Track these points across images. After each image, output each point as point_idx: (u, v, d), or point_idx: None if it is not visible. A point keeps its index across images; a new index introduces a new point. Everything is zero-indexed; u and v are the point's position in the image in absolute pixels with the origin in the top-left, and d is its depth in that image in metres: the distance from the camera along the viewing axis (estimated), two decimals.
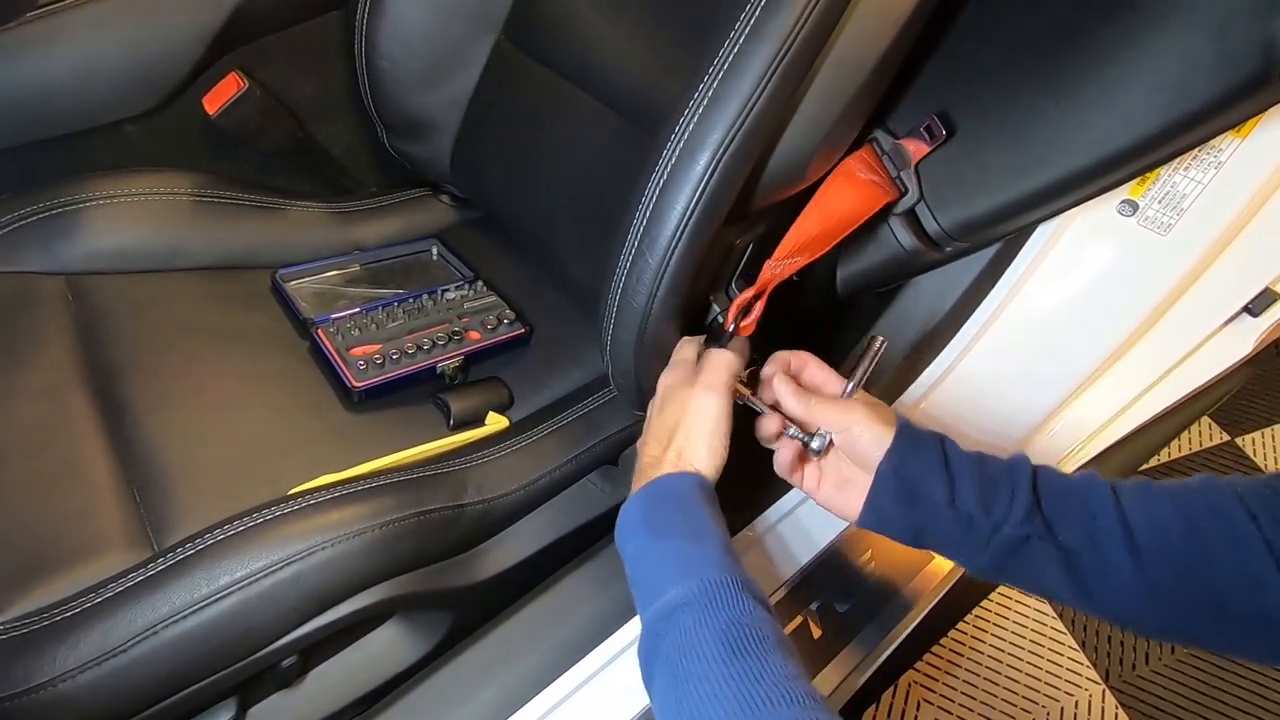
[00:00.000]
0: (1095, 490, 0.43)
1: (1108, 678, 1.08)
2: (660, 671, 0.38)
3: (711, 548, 0.41)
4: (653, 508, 0.44)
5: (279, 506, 0.51)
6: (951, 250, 0.62)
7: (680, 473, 0.45)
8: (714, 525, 0.43)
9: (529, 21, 0.71)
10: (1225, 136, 0.58)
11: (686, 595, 0.38)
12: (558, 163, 0.69)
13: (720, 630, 0.36)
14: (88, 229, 0.69)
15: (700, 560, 0.40)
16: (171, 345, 0.64)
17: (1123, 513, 0.41)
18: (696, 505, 0.44)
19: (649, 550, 0.43)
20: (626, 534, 0.45)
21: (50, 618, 0.46)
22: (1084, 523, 0.42)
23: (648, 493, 0.45)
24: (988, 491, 0.43)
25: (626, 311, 0.52)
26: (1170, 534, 0.40)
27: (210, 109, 0.73)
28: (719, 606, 0.38)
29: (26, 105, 0.68)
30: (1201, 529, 0.39)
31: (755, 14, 0.43)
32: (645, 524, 0.44)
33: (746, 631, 0.36)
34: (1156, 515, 0.41)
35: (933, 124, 0.56)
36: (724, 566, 0.40)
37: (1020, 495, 0.42)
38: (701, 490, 0.45)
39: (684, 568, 0.40)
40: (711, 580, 0.39)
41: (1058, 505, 0.42)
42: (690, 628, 0.37)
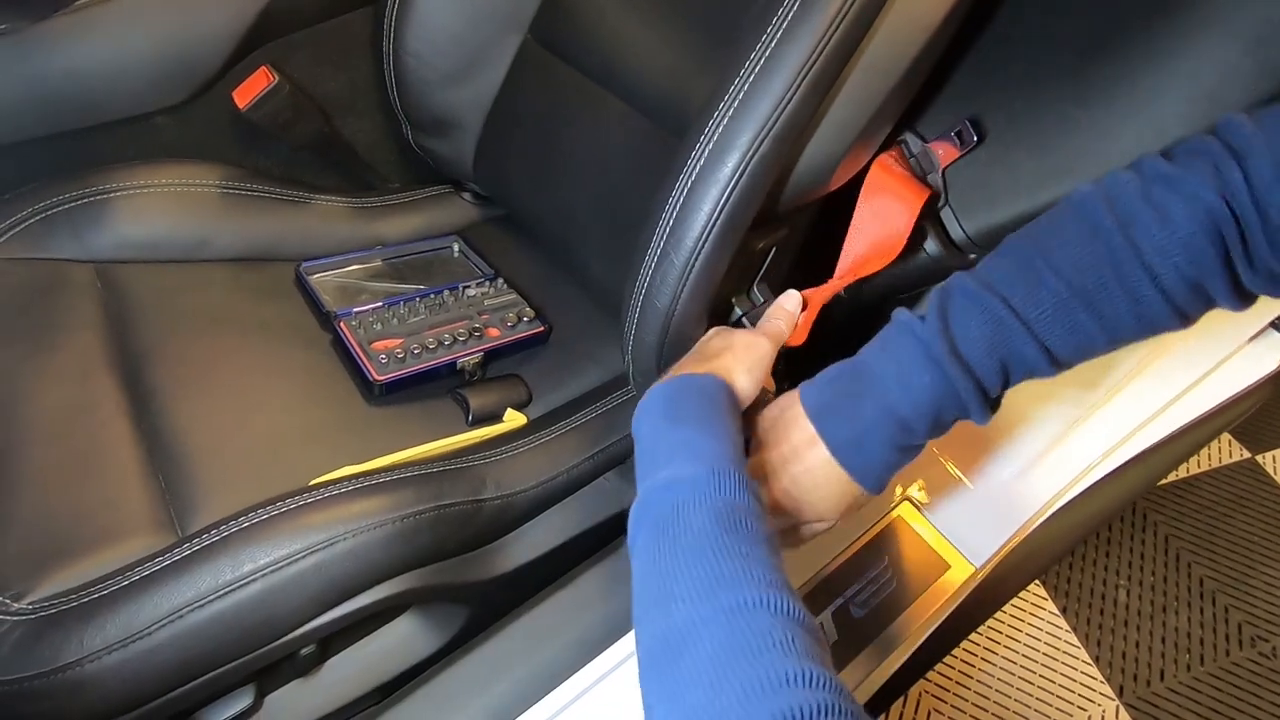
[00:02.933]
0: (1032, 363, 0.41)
1: (1121, 693, 1.07)
2: (644, 533, 0.37)
3: (725, 443, 0.40)
4: (677, 396, 0.43)
5: (301, 496, 0.52)
6: (976, 257, 0.62)
7: (714, 375, 0.44)
8: (731, 427, 0.42)
9: (556, 21, 0.72)
10: None
11: (691, 474, 0.38)
12: (581, 163, 0.69)
13: (715, 507, 0.36)
14: (117, 218, 0.70)
15: (710, 450, 0.39)
16: (197, 334, 0.65)
17: (1056, 362, 0.41)
18: (720, 406, 0.43)
19: (663, 432, 0.42)
20: (644, 416, 0.44)
21: (78, 599, 0.46)
22: (1022, 383, 0.42)
23: (677, 383, 0.44)
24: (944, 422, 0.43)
25: (650, 311, 0.52)
26: (1097, 352, 0.41)
27: (240, 103, 0.74)
28: (720, 489, 0.37)
29: (60, 96, 0.69)
30: (1125, 339, 0.40)
31: (789, 17, 0.44)
32: (665, 409, 0.43)
33: (740, 517, 0.36)
34: (1088, 350, 0.41)
35: (964, 129, 0.56)
36: (733, 460, 0.39)
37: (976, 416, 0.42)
38: (730, 397, 0.44)
39: (692, 452, 0.39)
40: (717, 468, 0.38)
41: (1003, 392, 0.43)
42: (685, 499, 0.37)
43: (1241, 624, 1.15)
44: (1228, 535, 1.25)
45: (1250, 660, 1.11)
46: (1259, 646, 1.12)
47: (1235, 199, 0.36)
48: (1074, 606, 1.15)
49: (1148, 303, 0.39)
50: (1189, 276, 0.37)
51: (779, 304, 0.54)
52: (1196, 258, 0.37)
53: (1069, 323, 0.40)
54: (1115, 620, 1.14)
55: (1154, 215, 0.37)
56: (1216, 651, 1.12)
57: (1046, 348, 0.40)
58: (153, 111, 0.74)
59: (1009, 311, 0.40)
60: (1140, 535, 1.25)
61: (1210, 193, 0.36)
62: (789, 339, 0.53)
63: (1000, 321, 0.40)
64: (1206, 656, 1.11)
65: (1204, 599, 1.17)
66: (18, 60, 0.65)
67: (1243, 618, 1.15)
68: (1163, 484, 1.32)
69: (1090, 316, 0.40)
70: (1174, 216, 0.37)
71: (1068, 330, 0.40)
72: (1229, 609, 1.16)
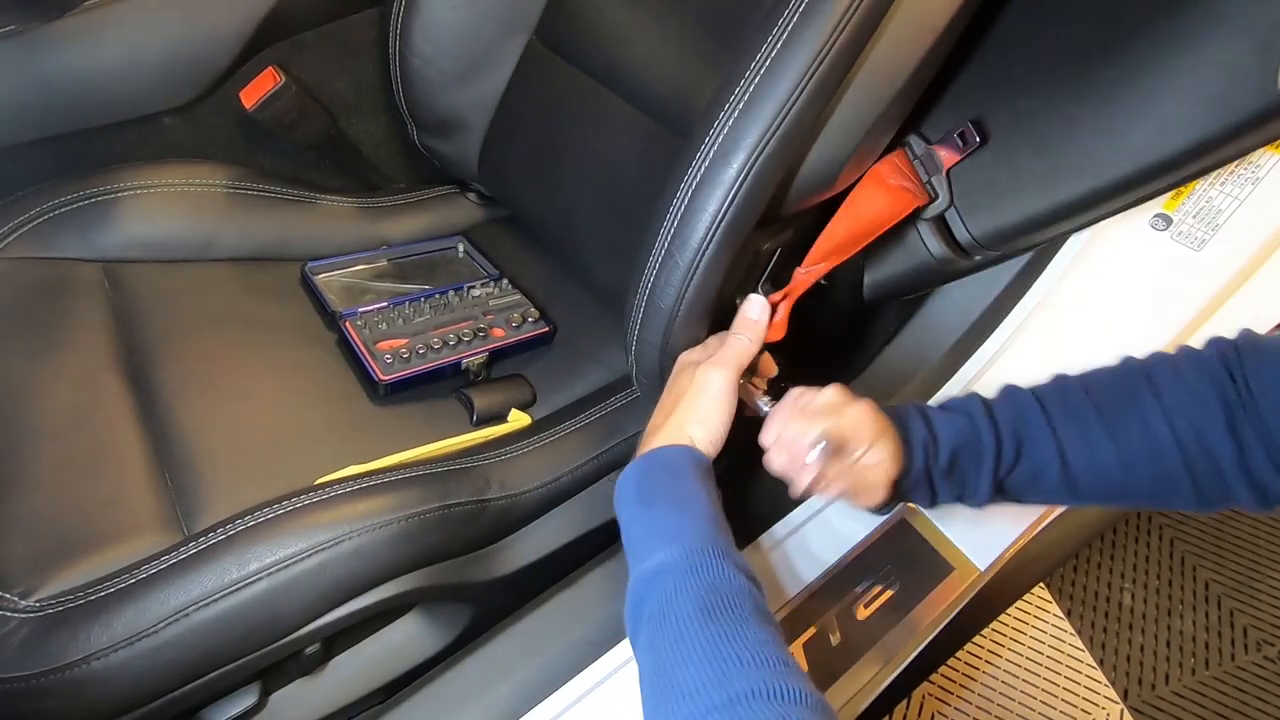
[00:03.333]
0: (1042, 449, 0.46)
1: (1126, 697, 1.06)
2: (643, 633, 0.39)
3: (697, 517, 0.42)
4: (646, 477, 0.46)
5: (307, 495, 0.52)
6: (981, 259, 0.62)
7: (675, 445, 0.47)
8: (703, 496, 0.44)
9: (561, 23, 0.72)
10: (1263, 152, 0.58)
11: (669, 561, 0.39)
12: (586, 164, 0.69)
13: (699, 595, 0.37)
14: (124, 218, 0.70)
15: (684, 528, 0.41)
16: (204, 334, 0.65)
17: (1066, 467, 0.45)
18: (687, 476, 0.45)
19: (639, 518, 0.44)
20: (622, 502, 0.46)
21: (84, 597, 0.47)
22: (1032, 483, 0.47)
23: (642, 462, 0.46)
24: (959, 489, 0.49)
25: (653, 312, 0.52)
26: (1110, 480, 0.45)
27: (247, 103, 0.74)
28: (699, 572, 0.39)
29: (69, 95, 0.69)
30: (1137, 473, 0.44)
31: (794, 19, 0.44)
32: (638, 492, 0.45)
33: (724, 597, 0.37)
34: (1099, 464, 0.45)
35: (966, 131, 0.56)
36: (706, 536, 0.41)
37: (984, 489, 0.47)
38: (694, 462, 0.46)
39: (668, 534, 0.41)
40: (693, 548, 0.40)
41: (1013, 478, 0.47)
42: (671, 592, 0.38)
43: (1247, 628, 1.14)
44: (1234, 539, 1.25)
45: (1256, 664, 1.10)
46: (1264, 651, 1.12)
47: (1234, 373, 0.42)
48: (1079, 609, 1.15)
49: (1162, 446, 0.43)
50: (1201, 435, 0.42)
51: (742, 314, 0.53)
52: (1206, 415, 0.42)
53: (1086, 433, 0.45)
54: (1120, 624, 1.14)
55: (1174, 372, 0.44)
56: (1222, 656, 1.11)
57: (1062, 450, 0.45)
58: (160, 112, 0.74)
59: (1037, 405, 0.47)
60: (1145, 538, 1.24)
61: (1216, 362, 0.43)
62: (768, 336, 0.53)
63: (1027, 410, 0.47)
64: (1212, 660, 1.11)
65: (1209, 603, 1.17)
66: (26, 60, 0.66)
67: (1248, 622, 1.15)
68: None
69: (1108, 438, 0.44)
70: (1189, 376, 0.44)
71: (1085, 441, 0.45)
72: (1234, 613, 1.16)
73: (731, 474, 0.53)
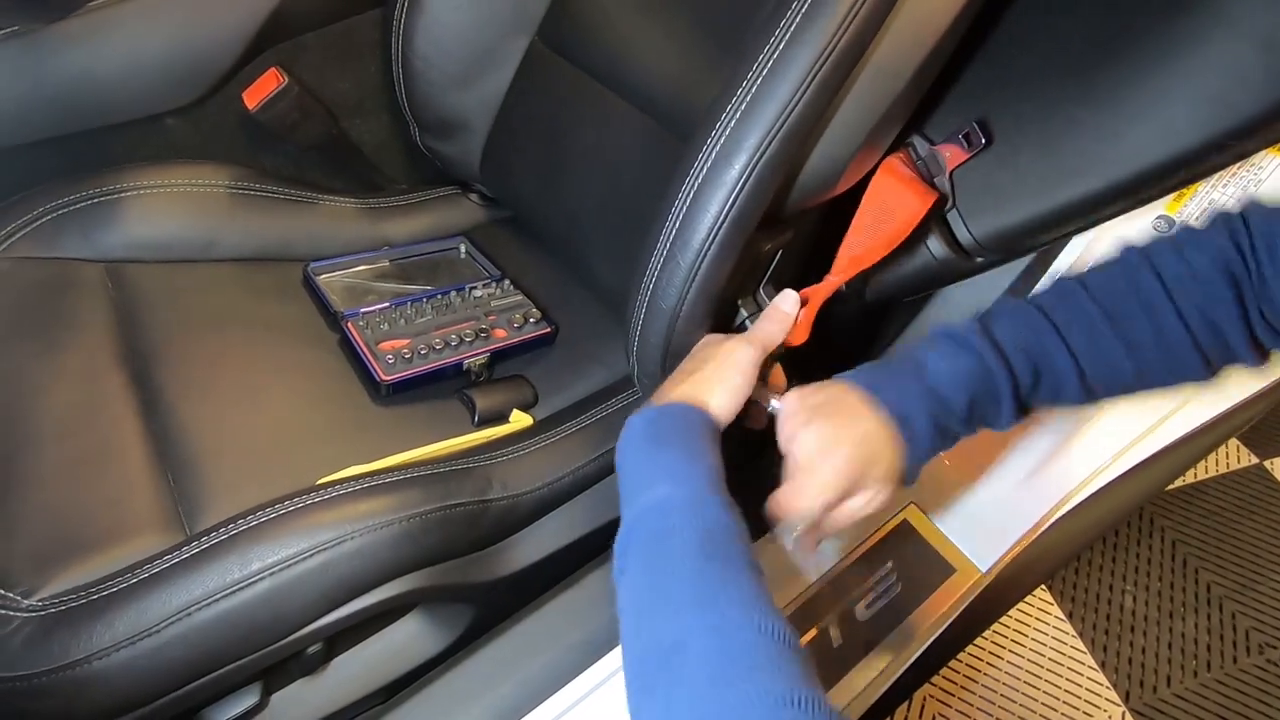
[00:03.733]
0: (1059, 367, 0.44)
1: (1128, 699, 1.06)
2: (634, 556, 0.38)
3: (705, 468, 0.42)
4: (657, 424, 0.45)
5: (308, 496, 0.52)
6: (983, 261, 0.62)
7: (692, 403, 0.46)
8: (710, 453, 0.43)
9: (563, 24, 0.72)
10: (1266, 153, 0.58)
11: (675, 497, 0.39)
12: (588, 165, 0.69)
13: (700, 533, 0.37)
14: (127, 218, 0.70)
15: (693, 474, 0.41)
16: (206, 334, 0.65)
17: (1084, 378, 0.44)
18: (698, 434, 0.44)
19: (646, 455, 0.43)
20: (626, 444, 0.45)
21: (86, 597, 0.47)
22: (1052, 399, 0.46)
23: (657, 410, 0.45)
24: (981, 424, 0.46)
25: (655, 313, 0.52)
26: (1125, 376, 0.44)
27: (250, 103, 0.74)
28: (705, 513, 0.38)
29: (72, 96, 0.69)
30: (1150, 364, 0.43)
31: (797, 19, 0.44)
32: (646, 433, 0.44)
33: (721, 546, 0.37)
34: (1113, 366, 0.44)
35: (971, 131, 0.56)
36: (714, 485, 0.41)
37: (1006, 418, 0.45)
38: (706, 424, 0.45)
39: (675, 477, 0.41)
40: (698, 492, 0.40)
41: (1034, 400, 0.45)
42: (673, 525, 0.38)
43: (1249, 630, 1.14)
44: (1235, 541, 1.25)
45: (1257, 667, 1.10)
46: (1266, 653, 1.12)
47: (1242, 244, 0.41)
48: (1080, 612, 1.15)
49: (1170, 333, 0.42)
50: (1207, 312, 0.41)
51: (775, 305, 0.54)
52: (1212, 292, 0.41)
53: (1096, 338, 0.43)
54: (1121, 626, 1.14)
55: (1176, 254, 0.43)
56: (1224, 658, 1.11)
57: (1076, 358, 0.44)
58: (163, 112, 0.75)
59: (1042, 316, 0.44)
60: (1147, 540, 1.24)
61: (1224, 238, 0.42)
62: (789, 339, 0.53)
63: (1034, 324, 0.44)
64: (1213, 663, 1.11)
65: (1211, 605, 1.17)
66: (30, 61, 0.66)
67: (1250, 624, 1.15)
68: (1170, 489, 1.32)
69: (1116, 337, 0.43)
70: (1193, 257, 0.42)
71: (1095, 346, 0.44)
72: (1236, 615, 1.16)
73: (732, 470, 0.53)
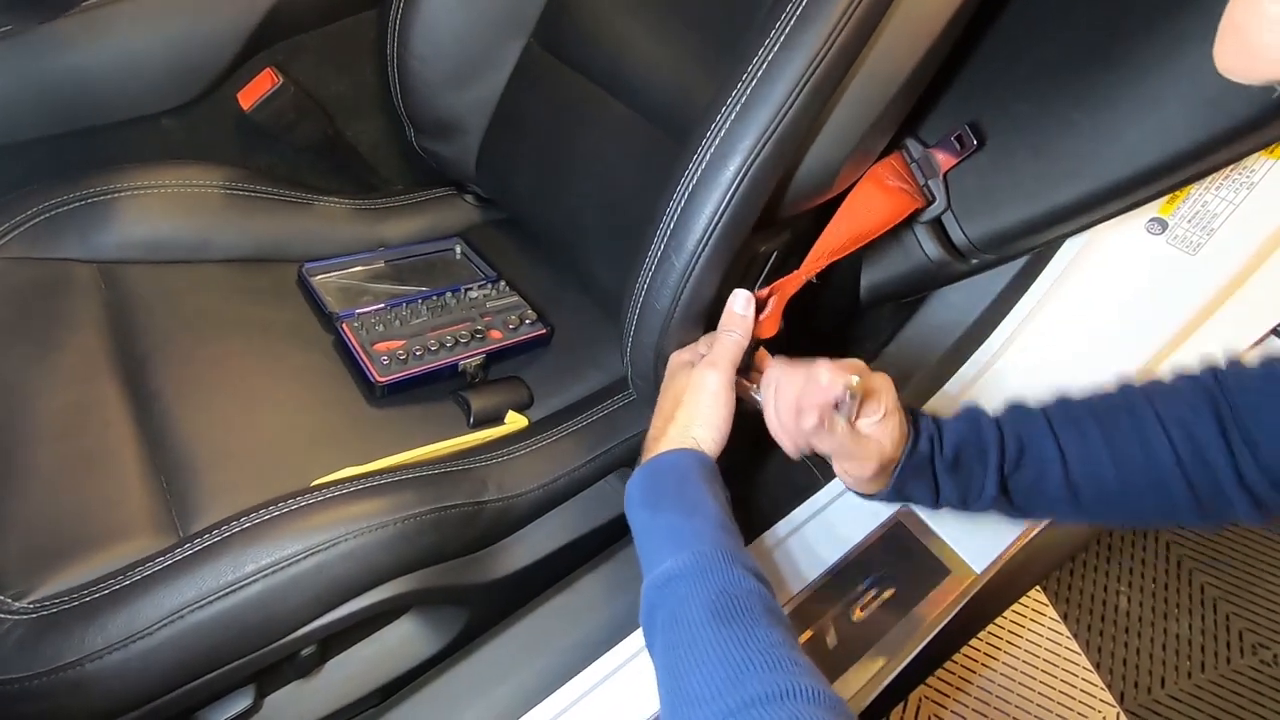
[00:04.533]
0: (1044, 451, 0.47)
1: (1122, 700, 1.07)
2: (657, 640, 0.39)
3: (704, 522, 0.42)
4: (652, 482, 0.46)
5: (303, 497, 0.52)
6: (978, 262, 0.62)
7: (680, 449, 0.47)
8: (709, 499, 0.44)
9: (559, 26, 0.72)
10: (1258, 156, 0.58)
11: (679, 567, 0.40)
12: (584, 166, 0.69)
13: (709, 599, 0.38)
14: (121, 218, 0.70)
15: (692, 534, 0.42)
16: (200, 335, 0.65)
17: (1067, 470, 0.46)
18: (693, 480, 0.45)
19: (648, 524, 0.44)
20: (631, 508, 0.46)
21: (79, 599, 0.46)
22: (1035, 486, 0.47)
23: (649, 468, 0.47)
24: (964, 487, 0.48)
25: (649, 314, 0.52)
26: (1109, 487, 0.45)
27: (245, 104, 0.74)
28: (708, 577, 0.39)
29: (66, 96, 0.69)
30: (1136, 482, 0.45)
31: (790, 23, 0.44)
32: (645, 498, 0.45)
33: (734, 601, 0.38)
34: (1098, 469, 0.45)
35: (963, 133, 0.56)
36: (715, 540, 0.41)
37: (989, 487, 0.47)
38: (699, 465, 0.46)
39: (677, 540, 0.41)
40: (702, 553, 0.40)
41: (1017, 479, 0.47)
42: (683, 597, 0.39)
43: (1242, 631, 1.14)
44: (1229, 542, 1.25)
45: (1251, 668, 1.11)
46: (1260, 654, 1.12)
47: (1220, 389, 0.43)
48: (1075, 613, 1.15)
49: (1154, 446, 0.43)
50: (1194, 438, 0.43)
51: (728, 310, 0.52)
52: (1198, 419, 0.43)
53: (1081, 431, 0.46)
54: (1116, 627, 1.14)
55: (1167, 382, 0.46)
56: (1218, 659, 1.11)
57: (1062, 450, 0.46)
58: (158, 112, 0.74)
59: (1039, 412, 0.48)
60: (1141, 542, 1.24)
61: (1208, 375, 0.44)
62: (759, 333, 0.53)
63: (1029, 415, 0.48)
64: (1207, 664, 1.11)
65: (1205, 606, 1.17)
66: (24, 60, 0.66)
67: (1244, 625, 1.15)
68: None
69: (1101, 436, 0.45)
70: (1180, 385, 0.45)
71: (1079, 436, 0.46)
72: (1230, 616, 1.16)
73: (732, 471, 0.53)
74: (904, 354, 0.71)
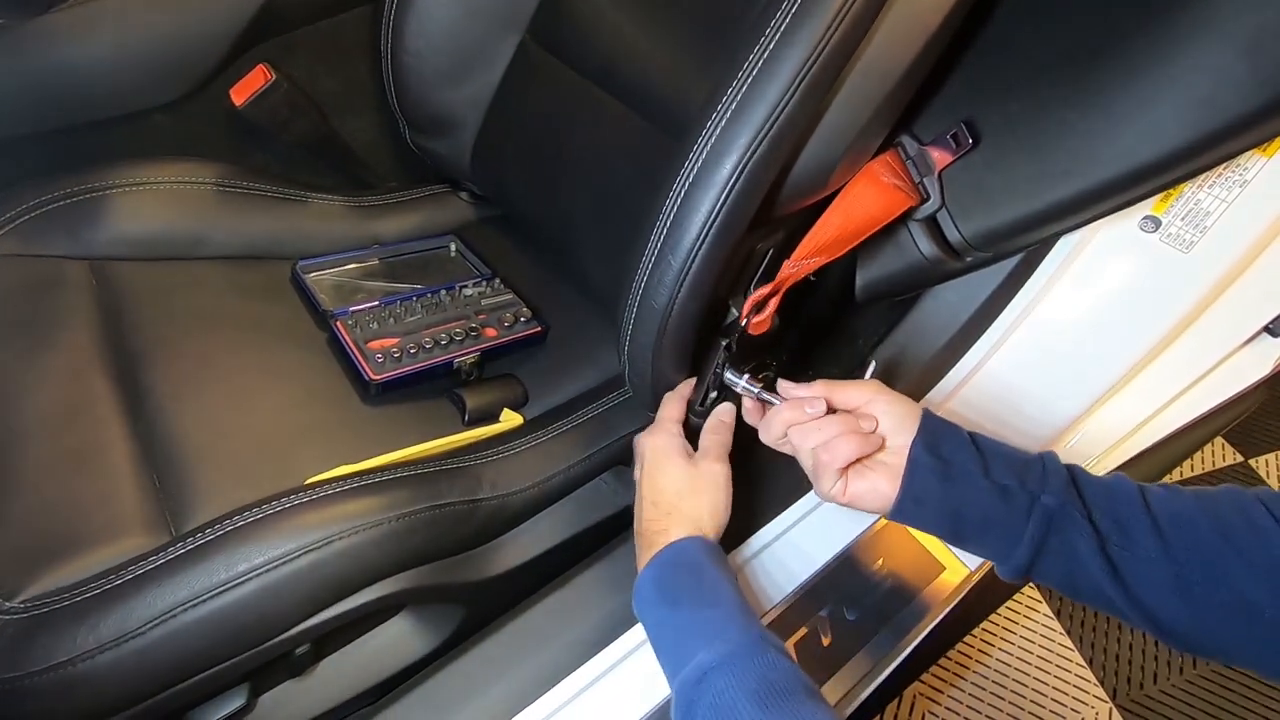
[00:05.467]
0: (1121, 482, 0.43)
1: (1115, 696, 1.07)
2: None
3: (730, 609, 0.43)
4: (666, 577, 0.46)
5: (296, 496, 0.52)
6: (972, 260, 0.62)
7: (687, 538, 0.47)
8: (728, 586, 0.45)
9: (554, 22, 0.72)
10: (1251, 155, 0.58)
11: (714, 659, 0.40)
12: (579, 164, 0.69)
13: (751, 687, 0.38)
14: (113, 215, 0.69)
15: (721, 623, 0.42)
16: (193, 332, 0.64)
17: (1147, 503, 0.42)
18: (708, 569, 0.45)
19: (668, 621, 0.44)
20: (644, 606, 0.46)
21: (70, 598, 0.46)
22: (1112, 508, 0.42)
23: (659, 562, 0.47)
24: (1021, 468, 0.43)
25: (646, 313, 0.52)
26: (1196, 524, 0.40)
27: (237, 100, 0.74)
28: (746, 665, 0.39)
29: (57, 91, 0.69)
30: (1225, 520, 0.40)
31: (786, 20, 0.44)
32: (660, 595, 0.45)
33: (775, 685, 0.38)
34: (1180, 508, 0.41)
35: (959, 132, 0.56)
36: (744, 626, 0.42)
37: (1054, 469, 0.43)
38: (711, 552, 0.47)
39: (707, 633, 0.42)
40: (735, 641, 0.41)
41: (1088, 490, 0.43)
42: (722, 689, 0.39)
43: None
44: None
45: None
46: None
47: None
48: (1068, 609, 1.16)
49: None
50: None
51: (715, 417, 0.56)
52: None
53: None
54: (1109, 623, 1.15)
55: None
56: None
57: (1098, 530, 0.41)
58: (150, 108, 0.74)
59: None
60: None
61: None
62: (753, 330, 0.54)
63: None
64: (1199, 660, 1.12)
65: None
66: (14, 56, 0.65)
67: None
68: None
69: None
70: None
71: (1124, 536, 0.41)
72: None
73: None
74: (898, 351, 0.71)
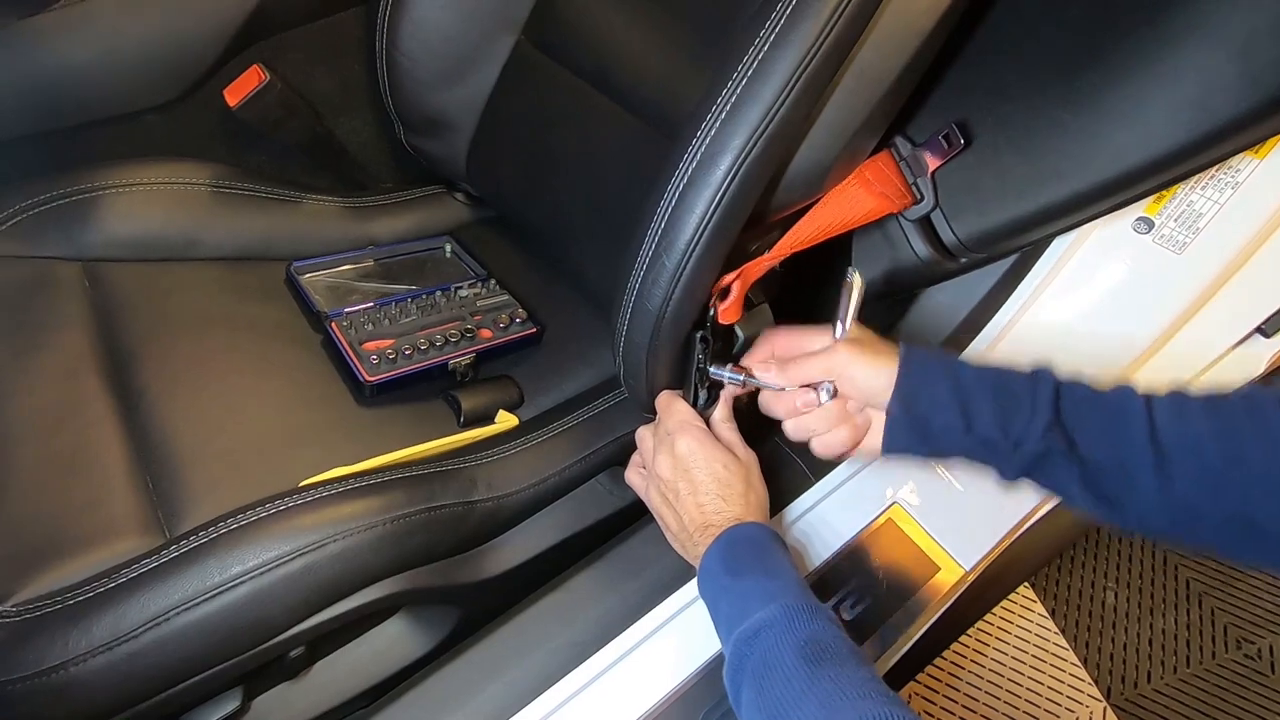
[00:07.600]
0: (1127, 406, 0.41)
1: (1109, 695, 1.08)
2: (747, 686, 0.41)
3: (789, 580, 0.45)
4: (731, 552, 0.48)
5: (291, 498, 0.52)
6: (966, 261, 0.63)
7: (750, 521, 0.50)
8: (788, 564, 0.47)
9: (549, 23, 0.71)
10: (1243, 156, 0.58)
11: (768, 618, 0.42)
12: (574, 165, 0.69)
13: (799, 645, 0.40)
14: (106, 216, 0.69)
15: (778, 590, 0.44)
16: (187, 334, 0.64)
17: (1154, 430, 0.39)
18: (771, 549, 0.48)
19: (731, 587, 0.46)
20: (707, 578, 0.48)
21: (63, 601, 0.46)
22: (1111, 439, 0.40)
23: (725, 539, 0.48)
24: (1005, 411, 0.43)
25: (641, 313, 0.52)
26: (1204, 450, 0.38)
27: (231, 101, 0.74)
28: (797, 626, 0.41)
29: (51, 92, 0.68)
30: (1237, 435, 0.37)
31: (781, 21, 0.44)
32: (725, 567, 0.47)
33: (823, 646, 0.40)
34: (1191, 430, 0.39)
35: (951, 133, 0.56)
36: (800, 594, 0.44)
37: (1041, 410, 0.42)
38: (774, 536, 0.49)
39: (764, 597, 0.44)
40: (789, 605, 0.42)
41: (1084, 419, 0.41)
42: (773, 645, 0.41)
43: (1227, 626, 1.16)
44: None
45: (1236, 662, 1.12)
46: (1244, 648, 1.13)
47: None
48: (1062, 609, 1.16)
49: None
50: None
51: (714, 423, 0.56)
52: None
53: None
54: (1103, 622, 1.15)
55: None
56: (1203, 653, 1.13)
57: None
58: (143, 109, 0.73)
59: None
60: (1128, 538, 1.26)
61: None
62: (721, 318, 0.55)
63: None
64: (1193, 658, 1.12)
65: (1190, 601, 1.18)
66: (6, 56, 0.65)
67: (1229, 620, 1.16)
68: None
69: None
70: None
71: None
72: (1215, 611, 1.17)
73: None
74: None
